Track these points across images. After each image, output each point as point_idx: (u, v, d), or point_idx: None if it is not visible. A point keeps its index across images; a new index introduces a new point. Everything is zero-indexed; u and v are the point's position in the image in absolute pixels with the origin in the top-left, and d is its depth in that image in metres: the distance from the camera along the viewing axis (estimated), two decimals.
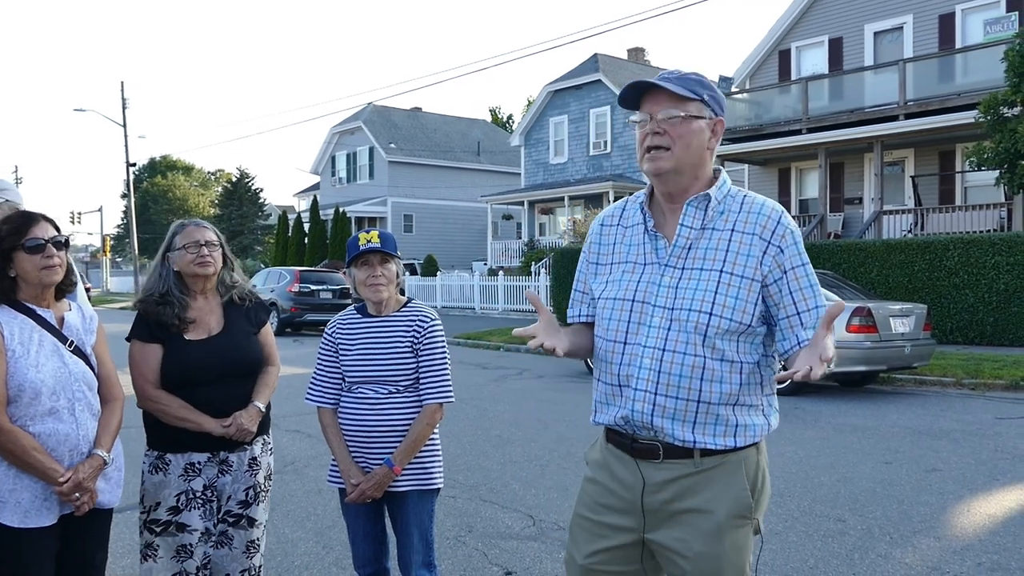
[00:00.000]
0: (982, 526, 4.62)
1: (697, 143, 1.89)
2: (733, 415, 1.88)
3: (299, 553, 4.33)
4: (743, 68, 21.79)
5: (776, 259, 1.87)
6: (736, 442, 1.89)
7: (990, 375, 9.99)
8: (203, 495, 2.81)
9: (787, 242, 1.88)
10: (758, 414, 1.92)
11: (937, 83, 16.96)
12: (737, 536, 1.90)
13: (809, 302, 1.88)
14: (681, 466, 1.89)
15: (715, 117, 1.92)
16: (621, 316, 1.94)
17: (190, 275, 2.86)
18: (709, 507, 1.88)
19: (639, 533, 1.95)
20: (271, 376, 2.99)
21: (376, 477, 2.81)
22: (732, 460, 1.90)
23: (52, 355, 2.48)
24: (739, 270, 1.86)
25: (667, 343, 1.87)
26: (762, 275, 1.86)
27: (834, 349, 1.69)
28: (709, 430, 1.87)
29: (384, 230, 2.97)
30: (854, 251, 15.13)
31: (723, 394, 1.87)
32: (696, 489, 1.89)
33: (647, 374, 1.88)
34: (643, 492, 1.93)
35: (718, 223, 1.90)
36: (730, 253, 1.87)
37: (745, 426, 1.90)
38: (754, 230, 1.88)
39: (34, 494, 2.41)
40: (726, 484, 1.89)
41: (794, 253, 1.88)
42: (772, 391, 1.97)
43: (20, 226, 2.48)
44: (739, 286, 1.85)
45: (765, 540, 4.39)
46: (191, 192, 68.32)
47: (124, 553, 4.34)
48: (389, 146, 36.64)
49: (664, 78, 1.89)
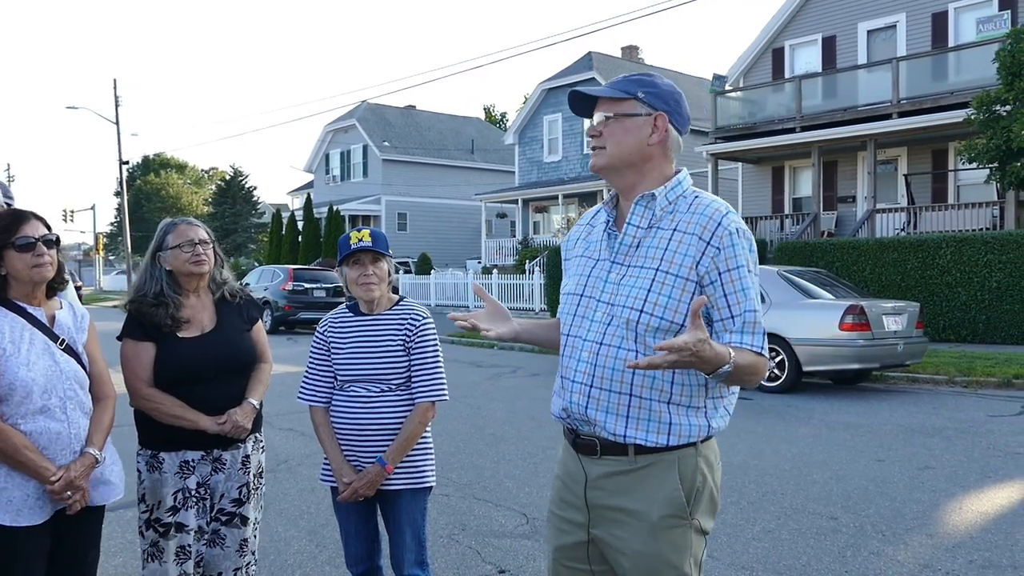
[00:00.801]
0: (974, 523, 4.64)
1: (633, 140, 1.93)
2: (667, 412, 1.89)
3: (292, 552, 4.32)
4: (737, 66, 21.82)
5: (714, 260, 1.86)
6: (669, 440, 1.89)
7: (982, 373, 10.03)
8: (197, 493, 2.81)
9: (725, 243, 1.86)
10: (698, 415, 1.91)
11: (930, 81, 17.00)
12: (673, 536, 1.89)
13: (742, 305, 1.87)
14: (617, 462, 1.92)
15: (654, 112, 1.94)
16: (570, 310, 2.01)
17: (184, 274, 2.85)
18: (642, 506, 1.90)
19: (586, 531, 1.99)
20: (264, 373, 2.99)
21: (368, 476, 2.80)
22: (666, 459, 1.90)
23: (43, 353, 2.47)
24: (675, 269, 1.87)
25: (605, 337, 1.91)
26: (698, 275, 1.87)
27: (691, 343, 1.66)
28: (643, 426, 1.89)
29: (376, 228, 2.96)
30: (847, 249, 15.17)
31: (654, 390, 1.88)
32: (631, 487, 1.91)
33: (584, 367, 1.93)
34: (585, 487, 1.97)
35: (664, 222, 1.92)
36: (668, 252, 1.89)
37: (680, 425, 1.89)
38: (695, 230, 1.88)
39: (26, 493, 2.40)
40: (659, 483, 1.90)
41: (731, 255, 1.87)
42: (721, 395, 1.96)
43: (10, 224, 2.48)
44: (673, 285, 1.87)
45: (758, 538, 4.41)
46: (184, 190, 68.16)
47: (116, 552, 4.32)
48: (383, 144, 36.58)
49: (610, 84, 1.98)
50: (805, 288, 10.05)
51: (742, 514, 4.83)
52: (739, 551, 4.22)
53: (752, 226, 19.51)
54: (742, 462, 6.11)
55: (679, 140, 1.99)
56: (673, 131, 1.97)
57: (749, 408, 8.61)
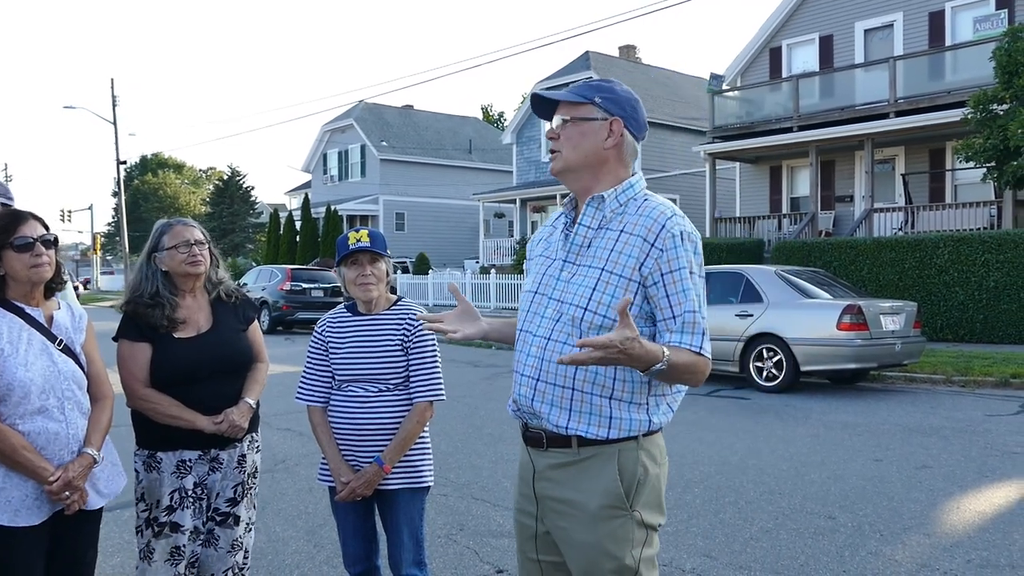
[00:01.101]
0: (972, 523, 4.65)
1: (588, 144, 1.98)
2: (608, 407, 1.94)
3: (290, 552, 4.32)
4: (734, 66, 21.83)
5: (657, 262, 1.91)
6: (610, 434, 1.94)
7: (980, 372, 10.04)
8: (194, 493, 2.81)
9: (667, 245, 1.91)
10: (639, 411, 1.96)
11: (927, 81, 17.02)
12: (612, 527, 1.93)
13: (683, 306, 1.91)
14: (563, 454, 1.98)
15: (610, 117, 1.99)
16: (525, 307, 2.08)
17: (181, 275, 2.85)
18: (582, 497, 1.95)
19: (536, 520, 2.06)
20: (260, 372, 2.99)
21: (366, 475, 2.80)
22: (607, 452, 1.95)
23: (41, 354, 2.47)
24: (619, 269, 1.92)
25: (552, 333, 1.97)
26: (642, 276, 1.91)
27: (616, 341, 1.70)
28: (584, 419, 1.94)
29: (374, 229, 2.96)
30: (845, 249, 15.18)
31: (596, 384, 1.93)
32: (574, 478, 1.96)
33: (532, 361, 2.00)
34: (534, 479, 2.04)
35: (614, 224, 1.97)
36: (614, 252, 1.94)
37: (620, 419, 1.94)
38: (640, 232, 1.93)
39: (24, 493, 2.40)
40: (599, 474, 1.94)
41: (674, 256, 1.91)
42: (663, 392, 2.00)
43: (8, 224, 2.48)
44: (616, 284, 1.92)
45: (756, 538, 4.41)
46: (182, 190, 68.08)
47: (114, 552, 4.32)
48: (381, 144, 36.55)
49: (570, 89, 2.03)
50: (803, 288, 10.06)
51: (740, 514, 4.83)
52: (737, 551, 4.22)
53: (750, 226, 19.54)
54: (740, 462, 6.11)
55: (635, 146, 2.04)
56: (629, 136, 2.02)
57: (747, 408, 8.61)
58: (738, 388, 9.92)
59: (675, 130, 26.91)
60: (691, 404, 8.88)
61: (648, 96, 27.71)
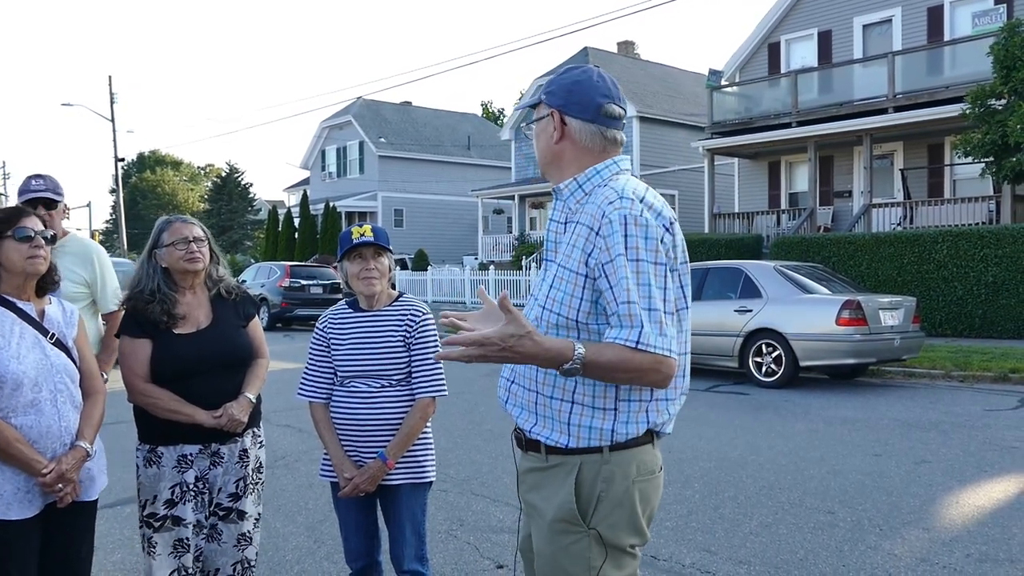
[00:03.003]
0: (971, 517, 4.66)
1: (543, 142, 1.97)
2: (568, 411, 1.84)
3: (291, 547, 4.33)
4: (733, 61, 21.82)
5: (600, 250, 1.76)
6: (570, 442, 1.84)
7: (979, 367, 10.05)
8: (195, 487, 2.83)
9: (606, 231, 1.74)
10: (604, 418, 1.82)
11: (926, 76, 17.02)
12: (566, 542, 1.83)
13: (619, 298, 1.73)
14: (535, 459, 1.94)
15: (550, 109, 1.93)
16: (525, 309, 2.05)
17: (179, 271, 2.87)
18: (543, 505, 1.89)
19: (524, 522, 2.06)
20: (260, 368, 3.00)
21: (369, 471, 2.81)
22: (570, 461, 1.84)
23: (33, 347, 2.48)
24: (571, 264, 1.81)
25: None
26: (588, 269, 1.78)
27: (495, 337, 1.65)
28: (547, 424, 1.87)
29: (376, 224, 2.96)
30: (844, 244, 15.19)
31: (556, 387, 1.84)
32: (540, 485, 1.91)
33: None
34: (517, 479, 2.03)
35: (579, 216, 1.86)
36: (567, 246, 1.85)
37: (579, 426, 1.83)
38: (587, 221, 1.80)
39: (16, 486, 2.42)
40: (559, 486, 1.86)
41: (613, 243, 1.73)
42: (639, 398, 1.83)
43: (11, 216, 2.54)
44: (566, 279, 1.81)
45: (755, 533, 4.42)
46: (180, 187, 68.02)
47: (115, 548, 4.32)
48: (379, 140, 36.51)
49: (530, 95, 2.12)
50: (802, 283, 10.06)
51: (739, 509, 4.85)
52: (736, 545, 4.23)
53: (748, 221, 19.55)
54: (739, 457, 6.12)
55: (591, 128, 1.89)
56: (575, 122, 1.89)
57: (746, 403, 8.63)
58: (737, 383, 9.93)
59: (674, 126, 26.90)
60: (690, 400, 8.88)
61: (646, 92, 27.70)
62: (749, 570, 3.90)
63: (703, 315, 10.51)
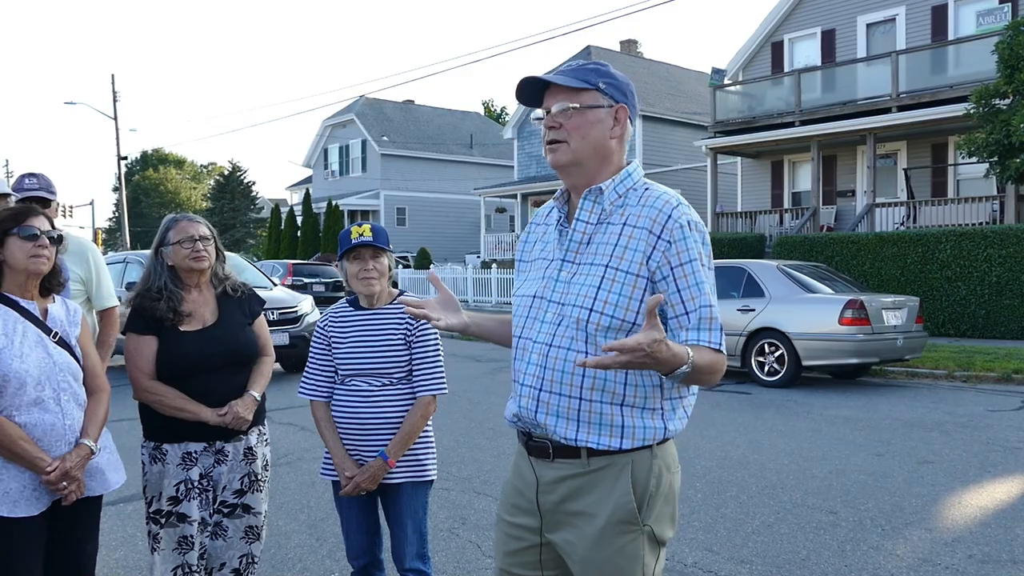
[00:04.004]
0: (973, 518, 4.65)
1: (596, 133, 1.85)
2: (620, 415, 1.81)
3: (293, 545, 4.33)
4: (736, 60, 21.79)
5: (665, 254, 1.78)
6: (623, 443, 1.81)
7: (982, 367, 10.03)
8: (200, 484, 2.84)
9: (675, 236, 1.78)
10: (654, 417, 1.84)
11: (930, 75, 16.98)
12: (622, 542, 1.82)
13: (697, 300, 1.78)
14: (570, 465, 1.85)
15: (615, 104, 1.87)
16: (522, 312, 1.93)
17: (185, 269, 2.88)
18: (592, 510, 1.83)
19: (539, 535, 1.94)
20: (266, 366, 3.02)
21: (370, 470, 2.81)
22: (620, 462, 1.82)
23: (36, 346, 2.49)
24: (624, 265, 1.79)
25: (554, 339, 1.84)
26: (649, 271, 1.79)
27: (644, 343, 1.57)
28: (594, 429, 1.82)
29: (376, 223, 2.96)
30: (847, 244, 15.17)
31: (605, 392, 1.81)
32: (584, 490, 1.84)
33: (534, 369, 1.87)
34: (538, 491, 1.91)
35: (615, 217, 1.84)
36: (618, 248, 1.81)
37: (634, 427, 1.82)
38: (645, 224, 1.80)
39: (22, 484, 2.42)
40: (610, 487, 1.82)
41: (683, 248, 1.78)
42: (680, 395, 1.88)
43: (18, 214, 2.56)
44: (623, 282, 1.79)
45: (757, 532, 4.42)
46: (183, 185, 68.11)
47: (118, 546, 4.33)
48: (382, 139, 36.51)
49: (557, 72, 1.88)
50: (804, 282, 10.05)
51: (741, 508, 4.84)
52: (739, 545, 4.23)
53: (751, 221, 19.53)
54: (741, 456, 6.12)
55: (632, 132, 1.94)
56: (629, 125, 1.91)
57: (748, 402, 8.62)
58: (740, 383, 9.93)
59: (676, 124, 26.87)
60: None
61: (649, 90, 27.66)
62: (751, 569, 3.90)
63: None
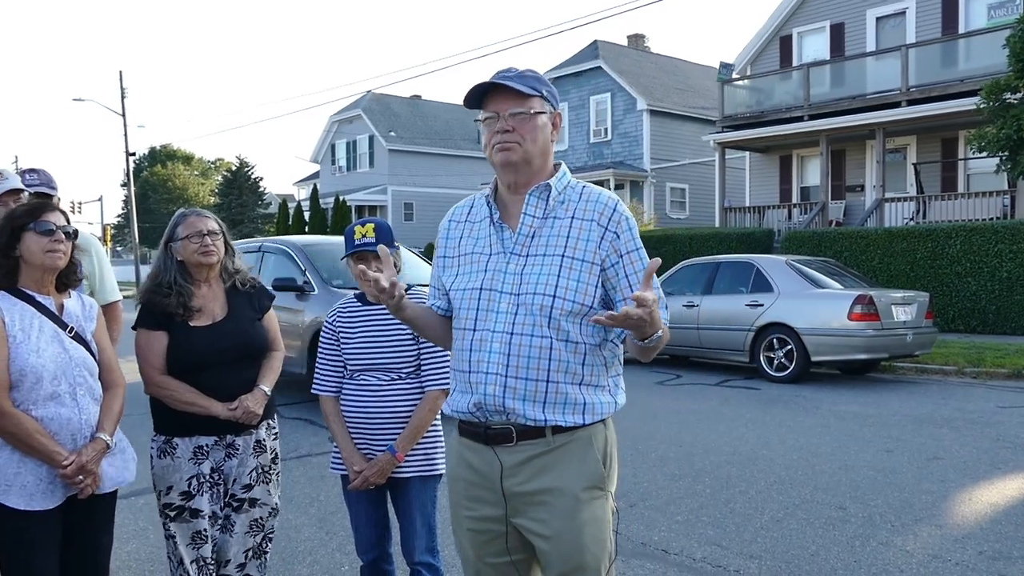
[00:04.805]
0: (984, 514, 4.63)
1: (543, 137, 2.01)
2: (580, 394, 1.97)
3: (303, 539, 4.35)
4: (744, 54, 21.70)
5: (613, 244, 1.98)
6: (584, 419, 1.98)
7: (992, 364, 9.98)
8: (210, 478, 2.85)
9: (622, 228, 1.99)
10: (604, 393, 2.02)
11: (940, 69, 16.87)
12: (594, 509, 1.97)
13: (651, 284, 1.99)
14: (533, 446, 1.97)
15: (554, 111, 2.05)
16: (471, 304, 2.03)
17: (194, 264, 2.88)
18: (563, 483, 1.95)
19: (503, 522, 2.02)
20: (275, 360, 3.02)
21: (379, 464, 2.81)
22: (581, 435, 1.98)
23: (52, 341, 2.51)
24: (580, 254, 1.96)
25: (514, 327, 1.96)
26: (600, 259, 1.97)
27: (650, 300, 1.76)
28: (559, 409, 1.95)
29: (381, 220, 2.95)
30: (856, 239, 15.10)
31: (569, 373, 1.96)
32: (550, 467, 1.96)
33: (497, 358, 1.96)
34: (501, 476, 1.99)
35: (559, 212, 2.01)
36: (571, 239, 1.98)
37: (592, 404, 1.99)
38: (593, 217, 1.99)
39: (38, 477, 2.44)
40: (580, 459, 1.97)
41: (629, 239, 2.00)
42: (617, 372, 2.08)
43: (35, 209, 2.58)
44: (580, 269, 1.96)
45: (766, 527, 4.41)
46: (191, 181, 68.28)
47: (129, 539, 4.35)
48: (389, 134, 36.52)
49: (505, 77, 2.01)
50: (813, 278, 10.01)
51: (751, 503, 4.83)
52: (748, 540, 4.22)
53: (759, 215, 19.46)
54: (750, 452, 6.11)
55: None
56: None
57: (757, 398, 8.60)
58: (748, 378, 9.90)
59: (684, 119, 26.79)
60: (701, 394, 8.87)
61: (657, 85, 27.59)
62: (760, 565, 3.90)
63: (714, 309, 10.51)
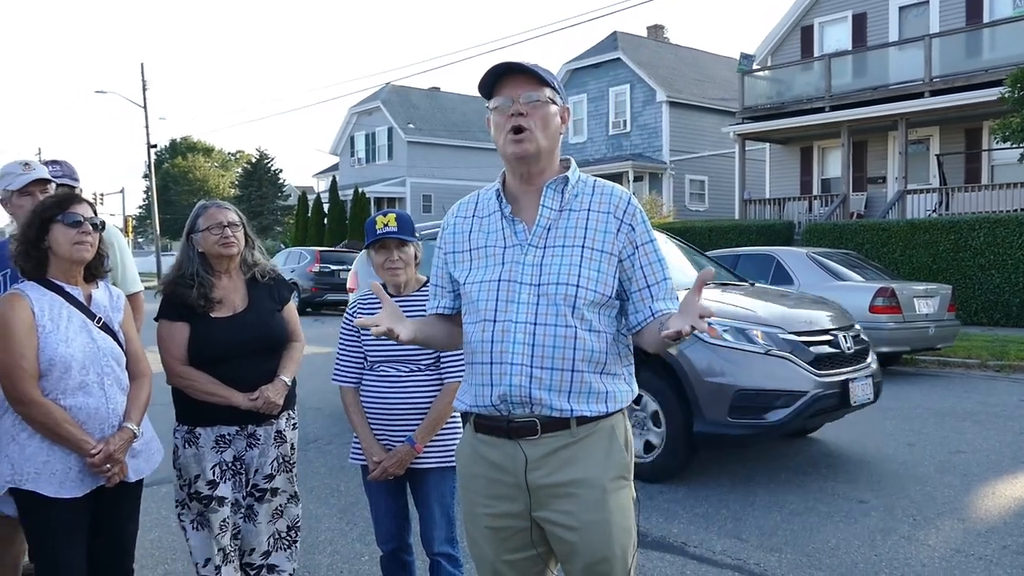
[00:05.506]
0: (1007, 508, 4.59)
1: (554, 128, 2.01)
2: (602, 383, 1.98)
3: (323, 529, 4.38)
4: (764, 45, 21.50)
5: (628, 236, 2.00)
6: (608, 408, 1.98)
7: (1016, 357, 9.86)
8: (233, 467, 2.89)
9: (637, 220, 2.02)
10: (622, 382, 2.04)
11: (964, 59, 16.63)
12: (620, 498, 1.99)
13: (658, 275, 2.02)
14: (558, 438, 1.96)
15: (563, 105, 2.05)
16: (489, 296, 2.00)
17: (214, 256, 2.91)
18: (590, 474, 1.96)
19: (527, 516, 1.99)
20: (296, 351, 3.04)
21: (398, 455, 2.83)
22: (604, 426, 1.99)
23: (81, 331, 2.54)
24: (599, 245, 1.98)
25: (537, 317, 1.95)
26: (618, 250, 2.00)
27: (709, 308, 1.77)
28: (583, 399, 1.96)
29: (402, 211, 2.97)
30: (877, 231, 14.96)
31: (592, 363, 1.96)
32: (575, 458, 1.96)
33: (521, 348, 1.94)
34: (526, 470, 1.96)
35: (575, 204, 2.02)
36: (589, 231, 1.99)
37: (613, 393, 2.00)
38: (608, 209, 2.01)
39: (67, 466, 2.48)
40: (606, 448, 1.98)
41: (643, 231, 2.03)
42: (631, 362, 2.10)
43: (63, 201, 2.59)
44: (600, 260, 1.98)
45: (786, 520, 4.39)
46: (211, 173, 68.67)
47: (152, 526, 4.41)
48: (408, 126, 36.56)
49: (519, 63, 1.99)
50: (834, 270, 9.93)
51: (771, 496, 4.82)
52: (767, 533, 4.21)
53: (780, 207, 19.32)
54: (770, 444, 6.08)
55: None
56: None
57: None
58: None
59: (704, 111, 26.61)
60: None
61: (677, 76, 27.40)
62: (780, 558, 3.88)
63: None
